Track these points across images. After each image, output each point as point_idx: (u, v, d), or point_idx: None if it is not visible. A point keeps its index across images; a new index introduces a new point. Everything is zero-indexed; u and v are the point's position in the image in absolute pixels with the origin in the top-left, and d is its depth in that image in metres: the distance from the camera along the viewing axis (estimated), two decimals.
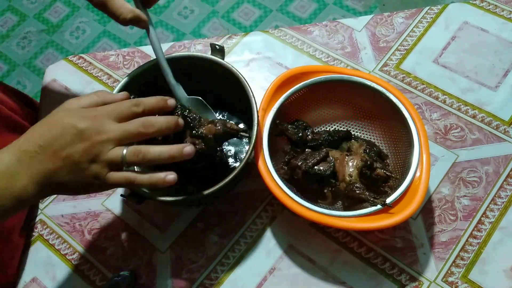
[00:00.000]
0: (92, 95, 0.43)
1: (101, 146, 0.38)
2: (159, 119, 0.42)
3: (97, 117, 0.39)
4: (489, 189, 0.57)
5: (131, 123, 0.40)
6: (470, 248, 0.54)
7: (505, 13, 0.70)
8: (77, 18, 1.76)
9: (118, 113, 0.40)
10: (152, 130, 0.41)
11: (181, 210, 0.59)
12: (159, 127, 0.41)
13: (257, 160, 0.52)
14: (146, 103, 0.42)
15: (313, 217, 0.48)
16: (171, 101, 0.45)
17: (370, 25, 0.71)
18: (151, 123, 0.41)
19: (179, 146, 0.41)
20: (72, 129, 0.38)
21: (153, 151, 0.40)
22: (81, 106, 0.41)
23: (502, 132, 0.61)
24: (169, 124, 0.42)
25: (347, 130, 0.59)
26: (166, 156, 0.40)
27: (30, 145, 0.38)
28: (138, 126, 0.40)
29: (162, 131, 0.42)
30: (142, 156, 0.39)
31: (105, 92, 0.44)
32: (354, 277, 0.53)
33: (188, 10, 1.73)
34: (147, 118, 0.41)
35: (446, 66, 0.66)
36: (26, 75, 1.66)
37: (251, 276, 0.55)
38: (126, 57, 0.72)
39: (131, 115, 0.41)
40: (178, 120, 0.43)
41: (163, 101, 0.44)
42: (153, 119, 0.41)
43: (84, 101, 0.41)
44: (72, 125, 0.38)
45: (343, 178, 0.51)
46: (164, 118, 0.42)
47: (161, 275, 0.56)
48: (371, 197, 0.48)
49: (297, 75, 0.57)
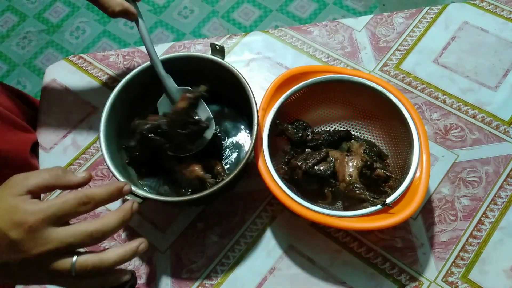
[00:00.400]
0: (43, 174, 0.37)
1: (40, 259, 0.34)
2: (98, 192, 0.37)
3: (32, 228, 0.33)
4: (489, 189, 0.57)
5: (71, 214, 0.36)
6: (470, 248, 0.54)
7: (505, 13, 0.70)
8: (77, 18, 1.76)
9: (60, 216, 0.35)
10: (91, 207, 0.37)
11: (181, 210, 0.59)
12: (98, 201, 0.37)
13: (257, 160, 0.52)
14: (97, 198, 0.37)
15: (313, 217, 0.48)
16: (127, 188, 0.40)
17: (370, 25, 0.71)
18: (89, 198, 0.37)
19: (131, 244, 0.39)
20: (4, 238, 0.33)
21: (107, 258, 0.36)
22: (28, 187, 0.35)
23: (502, 132, 0.61)
24: (112, 195, 0.38)
25: (347, 130, 0.59)
26: (128, 257, 0.38)
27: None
28: (81, 230, 0.35)
29: (105, 202, 0.38)
30: (95, 268, 0.35)
31: (59, 171, 0.37)
32: (354, 277, 0.53)
33: (188, 10, 1.73)
34: (86, 195, 0.36)
35: (446, 66, 0.66)
36: (26, 75, 1.66)
37: (251, 276, 0.55)
38: (126, 57, 0.72)
39: (75, 215, 0.36)
40: (123, 187, 0.40)
41: (117, 191, 0.39)
42: (91, 195, 0.37)
43: (32, 181, 0.36)
44: (3, 233, 0.33)
45: (343, 178, 0.51)
46: (104, 189, 0.38)
47: (161, 275, 0.56)
48: (371, 197, 0.48)
49: (297, 75, 0.57)
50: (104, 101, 0.54)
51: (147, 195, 0.48)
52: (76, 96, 0.69)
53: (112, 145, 0.54)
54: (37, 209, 0.34)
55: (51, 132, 0.67)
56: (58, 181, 0.37)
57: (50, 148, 0.66)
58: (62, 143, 0.66)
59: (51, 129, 0.67)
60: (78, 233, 0.35)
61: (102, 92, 0.69)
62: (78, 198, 0.36)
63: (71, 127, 0.67)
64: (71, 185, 0.38)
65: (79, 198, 0.36)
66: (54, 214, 0.34)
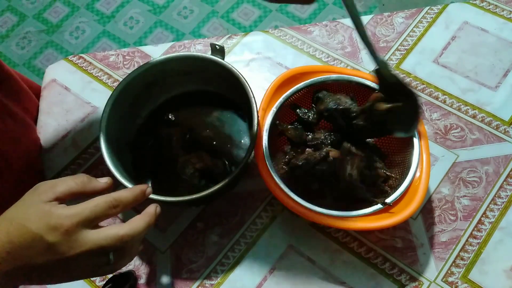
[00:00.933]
0: (70, 181, 0.38)
1: (77, 259, 0.35)
2: (125, 195, 0.40)
3: (68, 231, 0.35)
4: (489, 189, 0.57)
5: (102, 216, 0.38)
6: (470, 248, 0.54)
7: (505, 13, 0.70)
8: (77, 18, 1.76)
9: (92, 219, 0.36)
10: (120, 209, 0.39)
11: (181, 210, 0.59)
12: (126, 203, 0.40)
13: (257, 160, 0.52)
14: (125, 201, 0.40)
15: (313, 217, 0.48)
16: (149, 190, 0.44)
17: (370, 25, 0.71)
18: (118, 202, 0.39)
19: (149, 209, 0.42)
20: (41, 242, 0.34)
21: (137, 226, 0.39)
22: (56, 194, 0.37)
23: (502, 132, 0.61)
24: (137, 198, 0.41)
25: None
26: (153, 221, 0.41)
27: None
28: (113, 233, 0.37)
29: (131, 205, 0.41)
30: (129, 238, 0.38)
31: (84, 179, 0.39)
32: (354, 277, 0.53)
33: (188, 10, 1.73)
34: (114, 199, 0.39)
35: (446, 66, 0.66)
36: (26, 75, 1.65)
37: (251, 276, 0.55)
38: (126, 57, 0.72)
39: (106, 218, 0.38)
40: (146, 190, 0.43)
41: (141, 194, 0.42)
42: (119, 198, 0.39)
43: (60, 189, 0.37)
44: (40, 237, 0.34)
45: (343, 178, 0.51)
46: (130, 192, 0.41)
47: (161, 275, 0.56)
48: (371, 197, 0.48)
49: (297, 75, 0.57)
50: (104, 101, 0.54)
51: None
52: (76, 96, 0.69)
53: (112, 145, 0.54)
54: (72, 213, 0.36)
55: (51, 132, 0.67)
56: (84, 188, 0.39)
57: (50, 148, 0.66)
58: (62, 143, 0.66)
59: (51, 129, 0.67)
60: (110, 236, 0.36)
61: (102, 92, 0.69)
62: (109, 202, 0.38)
63: (71, 127, 0.67)
64: (96, 191, 0.40)
65: (109, 201, 0.38)
66: (87, 217, 0.36)
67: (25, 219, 0.35)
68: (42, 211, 0.35)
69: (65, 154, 0.65)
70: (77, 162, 0.64)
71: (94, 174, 0.62)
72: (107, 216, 0.38)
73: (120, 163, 0.55)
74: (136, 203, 0.41)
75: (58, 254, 0.34)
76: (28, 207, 0.36)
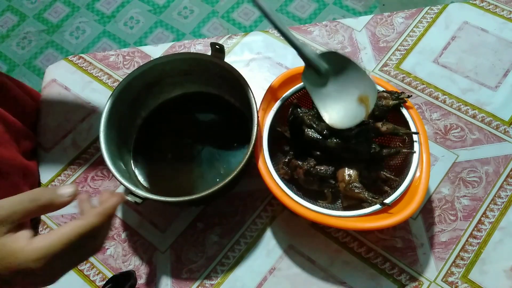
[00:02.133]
0: (22, 205, 0.33)
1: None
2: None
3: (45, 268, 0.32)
4: (489, 189, 0.57)
5: None
6: (470, 248, 0.54)
7: (505, 13, 0.70)
8: (77, 18, 1.76)
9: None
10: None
11: (181, 210, 0.59)
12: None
13: (257, 160, 0.52)
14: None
15: (313, 217, 0.48)
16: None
17: (370, 25, 0.71)
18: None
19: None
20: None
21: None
22: (10, 224, 0.32)
23: (502, 132, 0.61)
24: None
25: None
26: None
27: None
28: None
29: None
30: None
31: (41, 200, 0.34)
32: (354, 277, 0.53)
33: (188, 10, 1.73)
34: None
35: (446, 66, 0.66)
36: (26, 75, 1.66)
37: (251, 276, 0.55)
38: (126, 57, 0.72)
39: None
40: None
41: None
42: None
43: (14, 217, 0.32)
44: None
45: (342, 178, 0.51)
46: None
47: (161, 275, 0.56)
48: (370, 197, 0.48)
49: (297, 75, 0.57)
50: (104, 101, 0.54)
51: (147, 195, 0.48)
52: (76, 96, 0.69)
53: (112, 145, 0.54)
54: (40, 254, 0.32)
55: (51, 132, 0.67)
56: (42, 210, 0.34)
57: (50, 148, 0.66)
58: (62, 143, 0.66)
59: (51, 129, 0.67)
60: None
61: (102, 92, 0.69)
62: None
63: (71, 127, 0.67)
64: (59, 207, 0.35)
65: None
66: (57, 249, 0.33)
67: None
68: (1, 253, 0.31)
69: (65, 154, 0.65)
70: (77, 162, 0.64)
71: (94, 174, 0.63)
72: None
73: (120, 163, 0.55)
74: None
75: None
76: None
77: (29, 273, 0.32)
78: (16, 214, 0.33)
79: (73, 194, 0.36)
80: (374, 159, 0.52)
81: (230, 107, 0.62)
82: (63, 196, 0.35)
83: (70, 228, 0.33)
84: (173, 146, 0.60)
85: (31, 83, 1.64)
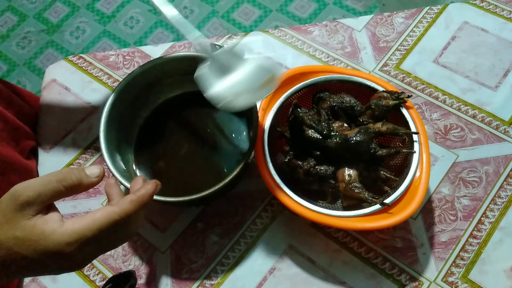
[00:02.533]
0: (55, 186, 0.33)
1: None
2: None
3: (73, 255, 0.32)
4: (489, 189, 0.57)
5: None
6: (470, 248, 0.54)
7: (505, 13, 0.70)
8: (77, 18, 1.76)
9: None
10: None
11: (181, 210, 0.59)
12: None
13: (257, 160, 0.52)
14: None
15: (313, 217, 0.48)
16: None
17: (370, 25, 0.71)
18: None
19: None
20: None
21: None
22: (42, 205, 0.33)
23: (502, 132, 0.61)
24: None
25: None
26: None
27: None
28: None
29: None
30: None
31: (73, 180, 0.34)
32: (354, 277, 0.53)
33: (188, 10, 1.73)
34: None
35: (446, 66, 0.66)
36: (26, 75, 1.66)
37: (251, 276, 0.55)
38: (126, 57, 0.72)
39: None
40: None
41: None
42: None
43: (45, 198, 0.32)
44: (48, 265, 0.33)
45: (342, 178, 0.51)
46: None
47: (161, 275, 0.56)
48: (370, 197, 0.48)
49: (297, 75, 0.57)
50: (104, 101, 0.54)
51: None
52: (76, 96, 0.69)
53: (112, 145, 0.54)
54: (73, 238, 0.33)
55: (51, 132, 0.67)
56: (74, 191, 0.35)
57: (50, 148, 0.66)
58: (62, 143, 0.66)
59: (51, 129, 0.67)
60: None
61: (102, 92, 0.69)
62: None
63: (71, 127, 0.67)
64: (88, 188, 0.36)
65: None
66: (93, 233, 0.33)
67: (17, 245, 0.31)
68: (32, 235, 0.31)
69: (65, 154, 0.65)
70: (77, 162, 0.64)
71: None
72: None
73: (120, 163, 0.55)
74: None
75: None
76: (14, 228, 0.31)
77: (59, 256, 0.32)
78: (44, 195, 0.32)
79: (101, 175, 0.36)
80: (374, 159, 0.52)
81: None
82: (91, 176, 0.35)
83: (103, 214, 0.33)
84: (173, 146, 0.60)
85: (31, 83, 1.64)
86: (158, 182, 0.39)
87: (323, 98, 0.56)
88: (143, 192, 0.36)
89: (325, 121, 0.52)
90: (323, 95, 0.56)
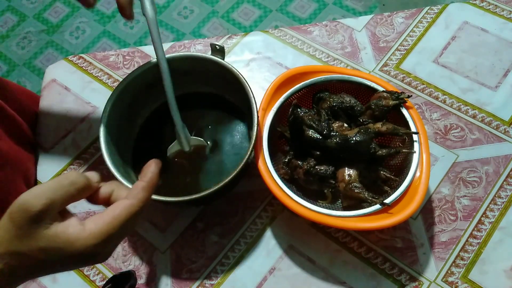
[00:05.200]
0: (68, 191, 0.32)
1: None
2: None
3: (94, 254, 0.34)
4: (489, 189, 0.57)
5: None
6: (470, 248, 0.54)
7: (505, 13, 0.70)
8: (77, 18, 1.76)
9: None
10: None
11: (181, 210, 0.59)
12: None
13: (257, 160, 0.52)
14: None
15: (313, 217, 0.48)
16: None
17: (370, 25, 0.71)
18: None
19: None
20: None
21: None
22: (53, 214, 0.32)
23: (502, 132, 0.61)
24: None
25: None
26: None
27: None
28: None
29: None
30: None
31: (81, 185, 0.34)
32: (354, 277, 0.53)
33: (188, 10, 1.73)
34: None
35: (446, 66, 0.66)
36: (26, 75, 1.66)
37: (251, 276, 0.55)
38: (126, 57, 0.72)
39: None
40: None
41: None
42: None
43: (56, 206, 0.32)
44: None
45: (342, 178, 0.51)
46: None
47: (161, 275, 0.56)
48: (370, 197, 0.48)
49: (297, 75, 0.57)
50: (104, 101, 0.54)
51: None
52: (76, 96, 0.69)
53: (112, 145, 0.54)
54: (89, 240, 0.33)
55: (51, 132, 0.67)
56: (83, 196, 0.35)
57: (50, 148, 0.66)
58: (62, 143, 0.66)
59: (51, 129, 0.67)
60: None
61: (102, 92, 0.69)
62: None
63: (71, 127, 0.67)
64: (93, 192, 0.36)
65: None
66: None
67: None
68: (57, 243, 0.31)
69: (65, 154, 0.65)
70: (77, 162, 0.64)
71: None
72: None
73: (120, 163, 0.55)
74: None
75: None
76: (35, 240, 0.30)
77: (89, 258, 0.33)
78: (58, 201, 0.31)
79: (99, 180, 0.36)
80: (374, 159, 0.52)
81: (230, 107, 0.62)
82: (94, 181, 0.35)
83: (123, 209, 0.34)
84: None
85: (31, 83, 1.64)
86: (157, 160, 0.40)
87: (323, 98, 0.56)
88: (149, 175, 0.37)
89: (325, 121, 0.52)
90: (323, 95, 0.56)
